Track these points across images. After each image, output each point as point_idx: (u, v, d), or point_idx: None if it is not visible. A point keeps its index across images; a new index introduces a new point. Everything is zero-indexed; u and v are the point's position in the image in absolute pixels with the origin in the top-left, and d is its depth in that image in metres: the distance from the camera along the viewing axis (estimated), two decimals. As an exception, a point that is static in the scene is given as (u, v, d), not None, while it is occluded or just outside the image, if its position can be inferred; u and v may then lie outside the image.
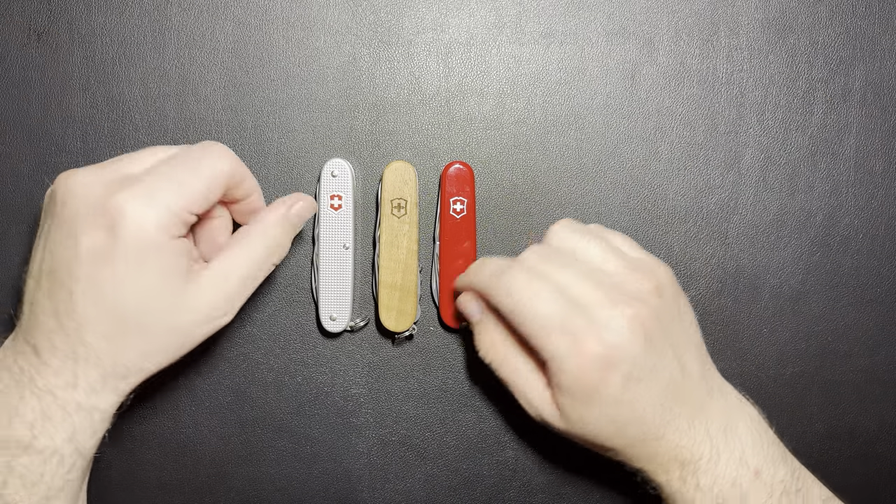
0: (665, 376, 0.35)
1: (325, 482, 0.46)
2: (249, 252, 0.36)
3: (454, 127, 0.43)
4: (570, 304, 0.35)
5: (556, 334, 0.34)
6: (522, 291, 0.35)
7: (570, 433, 0.37)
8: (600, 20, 0.43)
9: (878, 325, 0.45)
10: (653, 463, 0.36)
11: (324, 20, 0.43)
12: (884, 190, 0.44)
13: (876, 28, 0.43)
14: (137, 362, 0.34)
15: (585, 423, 0.36)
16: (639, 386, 0.35)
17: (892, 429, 0.46)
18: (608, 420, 0.35)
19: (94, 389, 0.33)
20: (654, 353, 0.35)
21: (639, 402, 0.35)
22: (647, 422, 0.35)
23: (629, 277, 0.36)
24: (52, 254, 0.32)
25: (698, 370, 0.37)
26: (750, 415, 0.37)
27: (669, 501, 0.37)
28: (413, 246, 0.42)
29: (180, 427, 0.45)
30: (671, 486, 0.36)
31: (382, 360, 0.45)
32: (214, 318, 0.35)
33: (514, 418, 0.45)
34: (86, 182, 0.32)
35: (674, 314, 0.37)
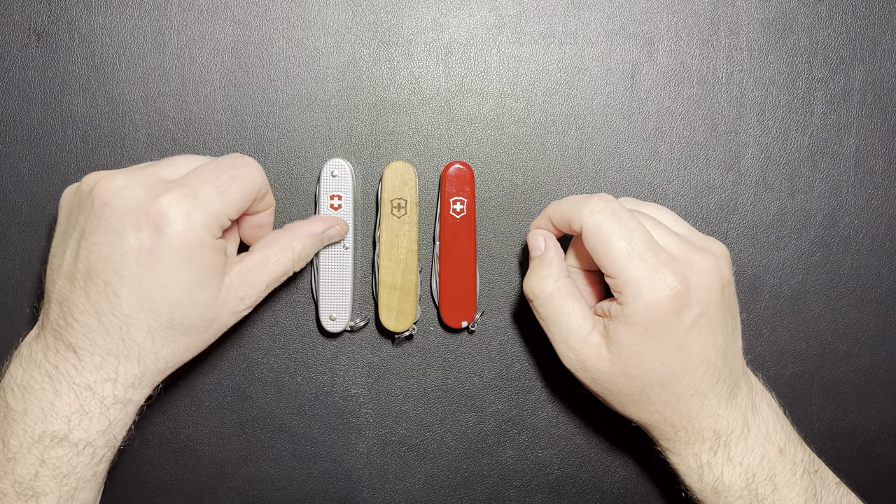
0: (722, 335, 0.36)
1: (325, 482, 0.46)
2: (280, 256, 0.38)
3: (454, 127, 0.43)
4: (653, 240, 0.35)
5: (638, 260, 0.34)
6: (610, 215, 0.35)
7: (609, 378, 0.36)
8: (600, 20, 0.43)
9: (878, 325, 0.45)
10: (688, 429, 0.36)
11: (324, 20, 0.43)
12: (884, 190, 0.44)
13: (876, 28, 0.43)
14: (178, 356, 0.35)
15: (639, 362, 0.35)
16: (702, 334, 0.35)
17: (892, 429, 0.46)
18: (663, 361, 0.35)
19: (133, 384, 0.34)
20: (723, 308, 0.36)
21: (697, 351, 0.35)
22: (698, 376, 0.35)
23: (701, 238, 0.37)
24: (92, 253, 0.33)
25: (740, 345, 0.38)
26: (770, 399, 0.38)
27: (693, 479, 0.37)
28: (413, 246, 0.42)
29: (180, 427, 0.45)
30: (699, 459, 0.36)
31: (382, 360, 0.45)
32: (239, 311, 0.37)
33: (514, 417, 0.45)
34: (130, 184, 0.33)
35: (733, 285, 0.37)
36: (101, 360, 0.33)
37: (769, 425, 0.37)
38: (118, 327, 0.33)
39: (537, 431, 0.45)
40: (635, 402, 0.37)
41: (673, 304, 0.34)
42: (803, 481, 0.36)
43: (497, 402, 0.45)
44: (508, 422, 0.45)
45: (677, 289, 0.34)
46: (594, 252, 0.35)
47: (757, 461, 0.36)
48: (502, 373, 0.45)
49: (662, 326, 0.34)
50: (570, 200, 0.37)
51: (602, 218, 0.35)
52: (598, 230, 0.35)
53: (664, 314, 0.34)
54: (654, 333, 0.34)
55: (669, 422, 0.36)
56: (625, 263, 0.34)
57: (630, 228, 0.35)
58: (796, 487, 0.36)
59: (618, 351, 0.35)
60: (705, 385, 0.36)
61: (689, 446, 0.37)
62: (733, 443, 0.36)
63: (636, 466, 0.46)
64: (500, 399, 0.45)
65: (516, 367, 0.45)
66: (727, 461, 0.36)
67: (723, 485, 0.36)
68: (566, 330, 0.37)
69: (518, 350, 0.45)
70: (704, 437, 0.36)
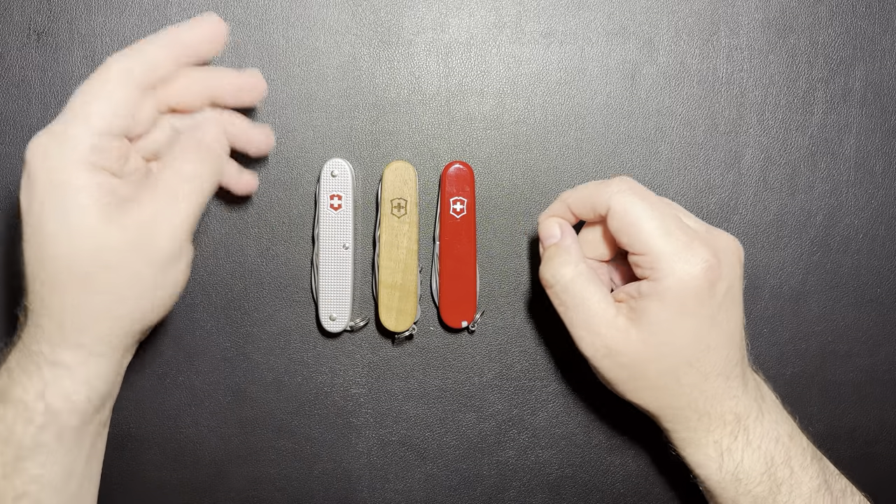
0: (742, 312, 0.36)
1: (325, 482, 0.46)
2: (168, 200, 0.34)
3: (454, 127, 0.43)
4: (679, 218, 0.36)
5: (670, 236, 0.35)
6: (637, 195, 0.35)
7: (639, 360, 0.36)
8: (600, 20, 0.43)
9: (878, 325, 0.45)
10: (712, 413, 0.36)
11: (324, 20, 0.43)
12: (884, 190, 0.44)
13: (876, 28, 0.43)
14: (85, 310, 0.33)
15: (672, 339, 0.35)
16: (730, 309, 0.35)
17: (892, 429, 0.46)
18: (696, 336, 0.35)
19: (54, 342, 0.33)
20: (741, 285, 0.36)
21: (726, 326, 0.35)
22: (723, 354, 0.36)
23: (714, 230, 0.37)
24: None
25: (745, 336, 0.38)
26: (769, 388, 0.39)
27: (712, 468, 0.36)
28: (413, 246, 0.42)
29: (180, 427, 0.45)
30: (720, 446, 0.36)
31: (382, 360, 0.45)
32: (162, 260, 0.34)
33: (514, 417, 0.45)
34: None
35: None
36: (26, 318, 0.34)
37: (776, 411, 0.37)
38: (28, 284, 0.33)
39: (537, 431, 0.45)
40: (662, 386, 0.36)
41: (707, 276, 0.34)
42: (814, 465, 0.36)
43: (497, 402, 0.45)
44: (508, 422, 0.45)
45: (711, 262, 0.34)
46: (623, 231, 0.35)
47: (773, 444, 0.36)
48: (502, 373, 0.45)
49: (697, 300, 0.34)
50: (589, 186, 0.37)
51: (629, 197, 0.35)
52: (627, 210, 0.35)
53: (699, 287, 0.34)
54: (689, 307, 0.34)
55: (694, 406, 0.36)
56: (657, 240, 0.34)
57: (658, 206, 0.35)
58: (809, 471, 0.36)
59: (650, 329, 0.35)
60: (728, 366, 0.36)
61: (710, 433, 0.36)
62: (751, 426, 0.36)
63: (636, 466, 0.46)
64: (500, 399, 0.45)
65: (516, 367, 0.45)
66: (747, 445, 0.36)
67: (743, 471, 0.36)
68: (590, 314, 0.36)
69: (518, 350, 0.45)
70: (726, 421, 0.36)
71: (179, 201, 0.34)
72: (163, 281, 0.34)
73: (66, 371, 0.34)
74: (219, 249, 0.44)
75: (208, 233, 0.44)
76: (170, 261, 0.34)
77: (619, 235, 0.36)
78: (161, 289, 0.34)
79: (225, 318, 0.45)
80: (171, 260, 0.34)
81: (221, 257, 0.44)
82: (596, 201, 0.37)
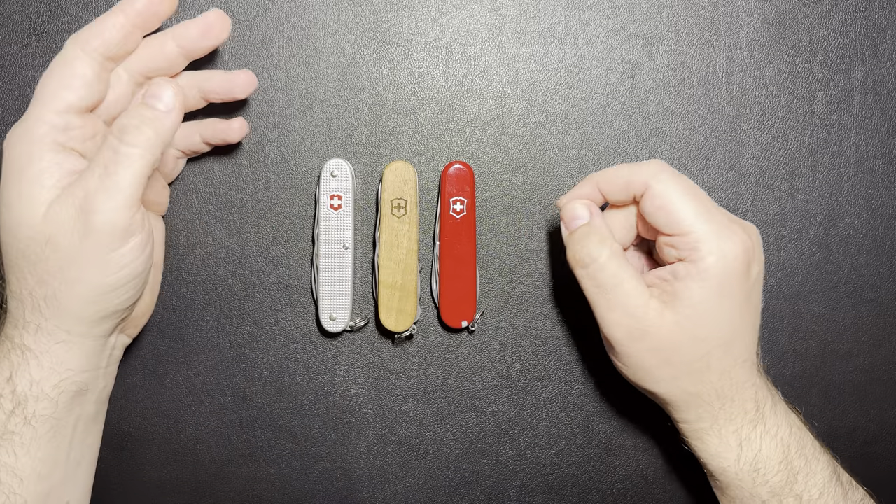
0: (761, 302, 0.37)
1: (325, 482, 0.46)
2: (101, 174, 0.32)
3: (454, 127, 0.43)
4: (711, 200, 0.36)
5: (710, 216, 0.35)
6: (674, 177, 0.36)
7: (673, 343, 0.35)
8: (600, 20, 0.43)
9: (878, 325, 0.45)
10: (735, 399, 0.36)
11: (324, 20, 0.43)
12: (884, 190, 0.44)
13: (876, 28, 0.43)
14: (39, 294, 0.33)
15: (710, 322, 0.35)
16: (758, 295, 0.36)
17: (892, 429, 0.46)
18: (732, 318, 0.35)
19: (19, 326, 0.34)
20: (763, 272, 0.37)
21: (755, 309, 0.36)
22: (749, 339, 0.36)
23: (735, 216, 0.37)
24: None
25: None
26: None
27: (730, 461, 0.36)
28: (413, 246, 0.42)
29: (180, 427, 0.45)
30: (740, 434, 0.36)
31: (382, 360, 0.45)
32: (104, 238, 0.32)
33: (514, 417, 0.45)
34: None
35: None
36: (5, 302, 0.34)
37: (783, 402, 0.37)
38: (4, 267, 0.33)
39: (537, 431, 0.45)
40: (691, 371, 0.36)
41: (746, 257, 0.34)
42: (824, 455, 0.37)
43: (497, 402, 0.45)
44: (508, 422, 0.45)
45: (748, 243, 0.35)
46: (662, 212, 0.35)
47: (787, 433, 0.36)
48: (502, 373, 0.45)
49: (737, 280, 0.34)
50: (622, 167, 0.37)
51: (669, 178, 0.35)
52: (666, 191, 0.35)
53: (740, 267, 0.34)
54: (728, 288, 0.34)
55: (719, 393, 0.36)
56: (698, 220, 0.34)
57: (694, 188, 0.35)
58: (821, 460, 0.36)
59: (686, 311, 0.35)
60: (751, 351, 0.36)
61: (731, 422, 0.36)
62: (767, 415, 0.36)
63: (636, 466, 0.46)
64: (500, 399, 0.45)
65: (516, 367, 0.45)
66: (765, 434, 0.36)
67: (762, 460, 0.35)
68: (625, 296, 0.35)
69: (518, 350, 0.45)
70: (747, 409, 0.36)
71: (111, 174, 0.32)
72: (111, 260, 0.33)
73: (33, 357, 0.34)
74: (219, 249, 0.44)
75: (208, 233, 0.44)
76: (112, 238, 0.32)
77: (657, 216, 0.35)
78: (112, 269, 0.33)
79: (225, 318, 0.45)
80: (113, 237, 0.32)
81: (221, 257, 0.44)
82: (632, 182, 0.36)
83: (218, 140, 0.41)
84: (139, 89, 0.37)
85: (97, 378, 0.37)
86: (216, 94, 0.39)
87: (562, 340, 0.45)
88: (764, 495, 0.35)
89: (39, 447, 0.34)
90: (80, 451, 0.36)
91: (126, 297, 0.35)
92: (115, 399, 0.45)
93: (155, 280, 0.41)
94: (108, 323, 0.35)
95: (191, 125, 0.41)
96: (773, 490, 0.35)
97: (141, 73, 0.36)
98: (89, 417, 0.37)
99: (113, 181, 0.32)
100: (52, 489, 0.35)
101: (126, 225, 0.33)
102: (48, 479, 0.34)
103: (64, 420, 0.35)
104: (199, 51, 0.37)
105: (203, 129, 0.41)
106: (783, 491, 0.35)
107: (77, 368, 0.35)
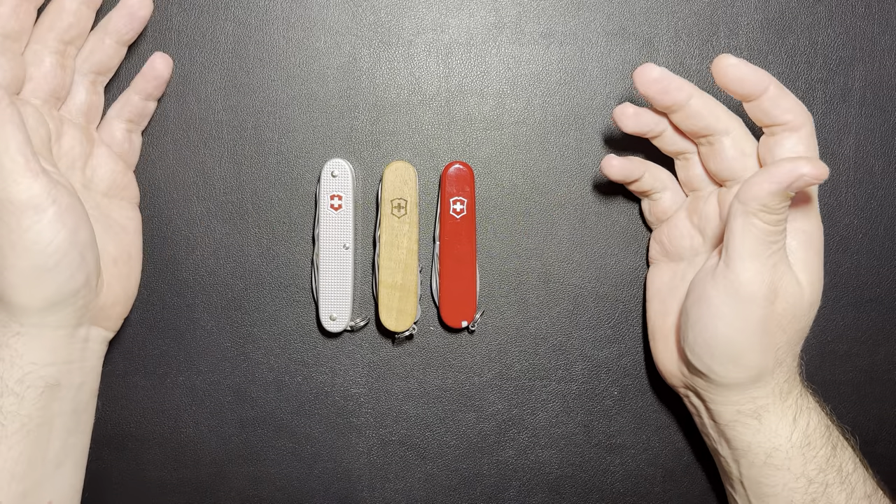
0: None
1: (325, 482, 0.46)
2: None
3: (454, 127, 0.43)
4: None
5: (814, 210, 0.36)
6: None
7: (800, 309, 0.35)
8: (600, 20, 0.43)
9: (878, 325, 0.45)
10: (786, 375, 0.36)
11: (324, 20, 0.43)
12: (883, 190, 0.44)
13: (876, 28, 0.43)
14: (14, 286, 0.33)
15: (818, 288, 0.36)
16: None
17: (892, 428, 0.46)
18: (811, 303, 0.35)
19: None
20: None
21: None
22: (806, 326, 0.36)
23: None
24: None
25: None
26: None
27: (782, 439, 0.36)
28: (413, 246, 0.42)
29: (180, 427, 0.45)
30: (798, 405, 0.36)
31: (382, 360, 0.45)
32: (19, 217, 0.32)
33: (514, 417, 0.45)
34: None
35: None
36: None
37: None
38: None
39: (537, 431, 0.46)
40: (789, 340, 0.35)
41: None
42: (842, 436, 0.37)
43: (497, 402, 0.45)
44: (508, 422, 0.45)
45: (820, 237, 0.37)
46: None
47: (819, 411, 0.37)
48: (502, 373, 0.45)
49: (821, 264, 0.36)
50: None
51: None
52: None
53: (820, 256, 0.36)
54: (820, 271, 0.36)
55: (790, 364, 0.36)
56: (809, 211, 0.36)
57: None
58: (842, 438, 0.37)
59: (807, 277, 0.35)
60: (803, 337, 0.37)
61: (791, 394, 0.36)
62: (803, 393, 0.37)
63: (636, 466, 0.46)
64: (500, 399, 0.45)
65: (516, 367, 0.45)
66: (813, 407, 0.36)
67: (812, 431, 0.35)
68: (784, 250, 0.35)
69: (518, 350, 0.45)
70: (796, 377, 0.37)
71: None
72: (29, 240, 0.32)
73: (8, 352, 0.33)
74: (219, 249, 0.44)
75: (208, 233, 0.44)
76: (19, 216, 0.32)
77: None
78: (34, 250, 0.32)
79: (225, 318, 0.45)
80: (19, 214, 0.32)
81: (221, 257, 0.44)
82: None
83: (152, 85, 0.40)
84: (65, 59, 0.37)
85: (70, 373, 0.36)
86: (123, 28, 0.38)
87: (562, 340, 0.45)
88: (812, 473, 0.35)
89: (10, 446, 0.33)
90: (62, 451, 0.36)
91: (64, 280, 0.34)
92: (115, 399, 0.45)
93: (129, 271, 0.39)
94: (62, 312, 0.34)
95: (125, 92, 0.41)
96: (820, 466, 0.35)
97: (55, 39, 0.36)
98: (68, 415, 0.36)
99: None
100: (29, 489, 0.34)
101: (25, 199, 0.32)
102: (23, 479, 0.34)
103: (37, 418, 0.34)
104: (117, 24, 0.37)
105: (135, 86, 0.40)
106: (828, 465, 0.35)
107: (41, 362, 0.34)
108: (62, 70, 0.37)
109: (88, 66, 0.38)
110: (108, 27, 0.38)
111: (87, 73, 0.38)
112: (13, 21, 0.34)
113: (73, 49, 0.37)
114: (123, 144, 0.41)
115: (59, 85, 0.37)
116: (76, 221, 0.34)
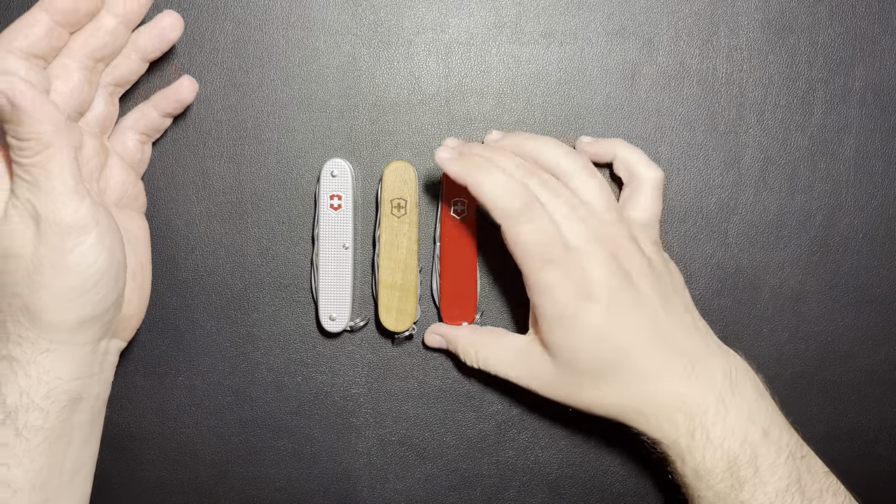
0: (648, 315, 0.37)
1: (325, 482, 0.46)
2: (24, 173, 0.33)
3: (454, 127, 0.43)
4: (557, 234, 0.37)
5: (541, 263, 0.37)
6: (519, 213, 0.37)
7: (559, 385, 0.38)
8: (600, 20, 0.43)
9: (878, 325, 0.45)
10: (657, 415, 0.36)
11: (324, 20, 0.43)
12: (884, 190, 0.44)
13: (876, 28, 0.43)
14: (15, 304, 0.33)
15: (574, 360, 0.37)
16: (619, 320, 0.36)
17: (892, 429, 0.46)
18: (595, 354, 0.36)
19: (2, 338, 0.33)
20: (633, 291, 0.36)
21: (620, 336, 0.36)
22: (637, 360, 0.36)
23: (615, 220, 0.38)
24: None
25: (690, 321, 0.38)
26: (755, 379, 0.38)
27: (678, 464, 0.37)
28: (413, 246, 0.42)
29: (180, 427, 0.45)
30: (679, 445, 0.36)
31: (382, 360, 0.45)
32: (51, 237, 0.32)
33: (514, 417, 0.45)
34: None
35: (658, 262, 0.38)
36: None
37: (751, 406, 0.36)
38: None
39: (537, 431, 0.46)
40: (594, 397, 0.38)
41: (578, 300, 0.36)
42: (787, 466, 0.35)
43: (497, 402, 0.45)
44: (508, 422, 0.45)
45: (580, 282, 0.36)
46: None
47: (738, 444, 0.35)
48: (502, 373, 0.45)
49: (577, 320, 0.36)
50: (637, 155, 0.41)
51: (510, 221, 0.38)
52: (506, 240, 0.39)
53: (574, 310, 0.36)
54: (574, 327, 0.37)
55: (637, 410, 0.37)
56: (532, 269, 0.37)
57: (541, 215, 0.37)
58: (779, 472, 0.35)
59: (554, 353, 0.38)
60: (652, 366, 0.36)
61: (664, 434, 0.37)
62: (710, 423, 0.36)
63: (636, 466, 0.46)
64: (500, 399, 0.45)
65: (516, 367, 0.45)
66: (707, 444, 0.36)
67: (704, 468, 0.36)
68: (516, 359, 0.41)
69: (518, 350, 0.45)
70: (677, 421, 0.36)
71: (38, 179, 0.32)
72: (71, 262, 0.32)
73: (20, 367, 0.33)
74: (219, 249, 0.44)
75: (208, 233, 0.44)
76: (63, 238, 0.32)
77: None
78: (74, 271, 0.33)
79: (225, 318, 0.45)
80: (63, 237, 0.32)
81: (221, 257, 0.44)
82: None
83: (173, 106, 0.40)
84: (93, 75, 0.37)
85: (91, 385, 0.36)
86: (151, 48, 0.38)
87: (562, 340, 0.45)
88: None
89: (33, 458, 0.34)
90: (80, 459, 0.36)
91: (100, 299, 0.34)
92: (115, 399, 0.45)
93: (143, 281, 0.39)
94: (91, 329, 0.35)
95: (142, 105, 0.40)
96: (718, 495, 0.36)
97: (87, 56, 0.36)
98: (87, 426, 0.36)
99: (42, 182, 0.32)
100: (48, 498, 0.34)
101: (72, 221, 0.32)
102: (43, 489, 0.34)
103: (59, 430, 0.34)
104: (136, 14, 0.36)
105: (155, 103, 0.40)
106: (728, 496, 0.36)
107: (67, 377, 0.34)
108: (89, 86, 0.37)
109: (110, 79, 0.38)
110: (136, 43, 0.38)
111: (106, 85, 0.38)
112: (44, 44, 0.34)
113: (102, 65, 0.37)
114: (136, 155, 0.41)
115: (84, 100, 0.37)
116: (113, 242, 0.34)
